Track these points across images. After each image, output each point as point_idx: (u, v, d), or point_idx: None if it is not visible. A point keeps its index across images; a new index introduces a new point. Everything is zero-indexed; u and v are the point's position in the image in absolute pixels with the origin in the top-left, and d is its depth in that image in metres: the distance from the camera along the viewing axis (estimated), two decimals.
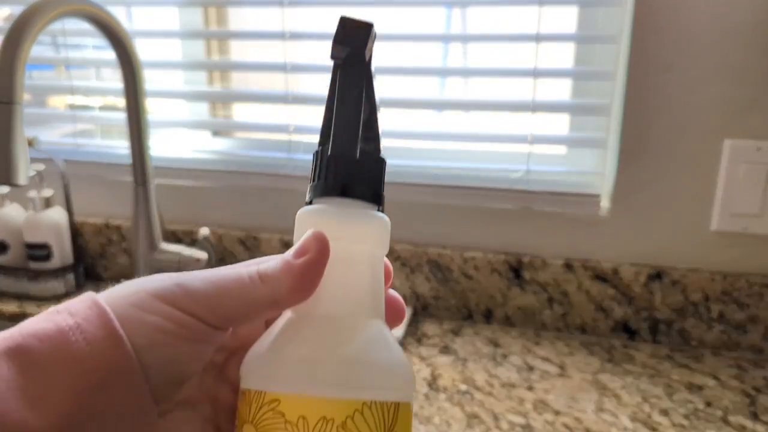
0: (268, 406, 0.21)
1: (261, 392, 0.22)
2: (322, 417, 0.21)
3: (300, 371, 0.22)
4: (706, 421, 0.61)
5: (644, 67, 0.71)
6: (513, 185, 0.79)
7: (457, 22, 0.84)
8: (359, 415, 0.21)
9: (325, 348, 0.22)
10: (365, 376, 0.22)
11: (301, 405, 0.21)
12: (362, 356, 0.23)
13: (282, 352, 0.22)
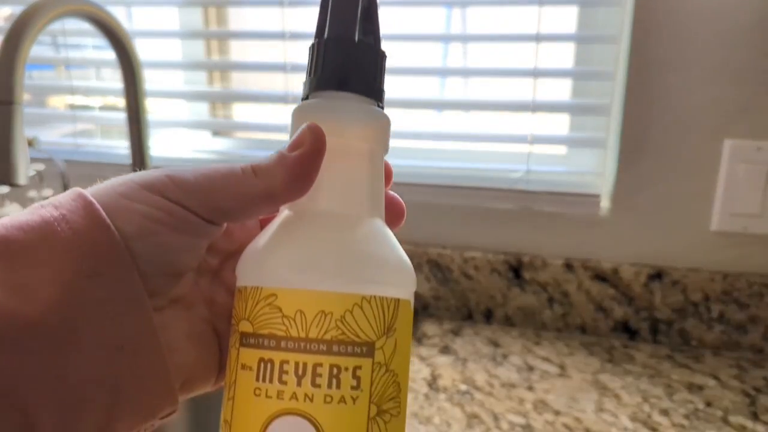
0: (264, 301, 0.21)
1: (257, 288, 0.21)
2: (321, 311, 0.20)
3: (297, 265, 0.21)
4: (706, 421, 0.61)
5: (644, 67, 0.71)
6: (513, 185, 0.79)
7: (457, 22, 0.84)
8: (358, 309, 0.21)
9: (324, 242, 0.22)
10: (365, 270, 0.21)
11: (298, 299, 0.20)
12: (362, 250, 0.22)
13: (279, 247, 0.22)
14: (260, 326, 0.21)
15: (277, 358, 0.20)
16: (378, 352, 0.21)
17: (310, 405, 0.20)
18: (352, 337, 0.20)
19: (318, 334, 0.20)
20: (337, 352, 0.20)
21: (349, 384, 0.20)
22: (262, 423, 0.20)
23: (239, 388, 0.21)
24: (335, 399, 0.20)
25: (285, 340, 0.20)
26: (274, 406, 0.20)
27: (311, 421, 0.20)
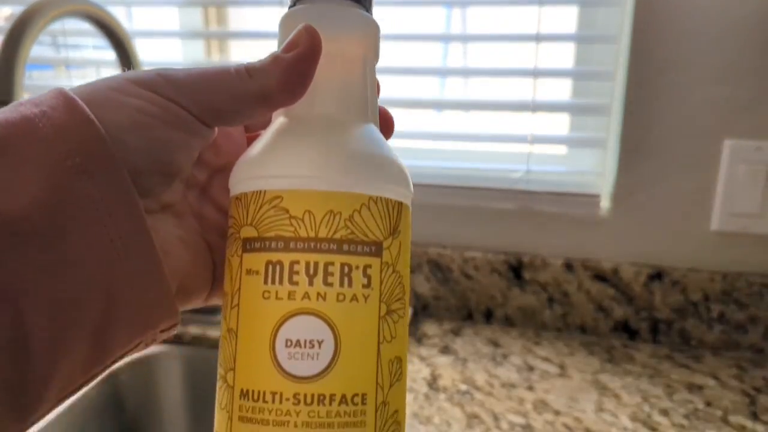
0: (269, 204, 0.20)
1: (260, 192, 0.21)
2: (329, 211, 0.20)
3: (304, 166, 0.21)
4: (706, 421, 0.61)
5: (644, 67, 0.71)
6: (513, 185, 0.79)
7: (457, 22, 0.84)
8: (366, 209, 0.21)
9: (329, 144, 0.21)
10: (371, 172, 0.21)
11: (306, 199, 0.20)
12: (367, 153, 0.22)
13: (281, 150, 0.21)
14: (266, 229, 0.20)
15: (287, 259, 0.20)
16: (386, 252, 0.21)
17: (323, 304, 0.20)
18: (362, 237, 0.20)
19: (328, 233, 0.20)
20: (347, 251, 0.20)
21: (361, 282, 0.20)
22: (274, 325, 0.20)
23: (245, 294, 0.21)
24: (348, 297, 0.20)
25: (294, 240, 0.20)
26: (286, 307, 0.20)
27: (325, 320, 0.20)
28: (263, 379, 0.20)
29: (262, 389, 0.20)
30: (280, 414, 0.19)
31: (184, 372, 0.81)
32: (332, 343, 0.20)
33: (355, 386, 0.20)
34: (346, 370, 0.20)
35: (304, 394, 0.19)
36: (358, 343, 0.20)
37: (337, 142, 0.21)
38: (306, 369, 0.20)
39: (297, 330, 0.20)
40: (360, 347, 0.20)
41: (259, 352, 0.20)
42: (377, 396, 0.21)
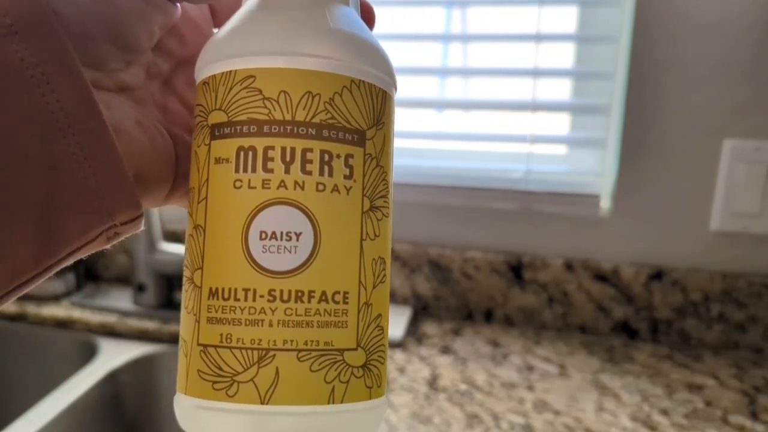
0: (240, 84, 0.18)
1: (230, 72, 0.19)
2: (307, 92, 0.18)
3: (278, 40, 0.18)
4: (705, 420, 0.61)
5: (644, 67, 0.71)
6: (513, 185, 0.79)
7: (457, 22, 0.84)
8: (348, 92, 0.19)
9: (307, 20, 0.19)
10: (355, 53, 0.19)
11: (281, 78, 0.18)
12: (350, 32, 0.19)
13: (253, 26, 0.19)
14: (237, 113, 0.18)
15: (260, 144, 0.18)
16: (369, 143, 0.19)
17: (301, 193, 0.18)
18: (343, 123, 0.19)
19: (306, 116, 0.18)
20: (327, 138, 0.18)
21: (342, 173, 0.18)
22: (247, 216, 0.18)
23: (214, 185, 0.19)
24: (328, 187, 0.18)
25: (268, 123, 0.18)
26: (259, 197, 0.18)
27: (303, 210, 0.18)
28: (235, 275, 0.18)
29: (234, 286, 0.18)
30: (253, 312, 0.18)
31: None
32: (311, 236, 0.18)
33: (337, 283, 0.18)
34: (327, 265, 0.18)
35: (281, 290, 0.18)
36: (340, 236, 0.18)
37: (316, 18, 0.19)
38: (282, 263, 0.18)
39: (272, 221, 0.18)
40: (342, 241, 0.18)
41: (230, 247, 0.18)
42: (360, 295, 0.19)
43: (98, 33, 0.19)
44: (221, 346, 0.18)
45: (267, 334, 0.18)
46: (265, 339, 0.18)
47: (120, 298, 0.88)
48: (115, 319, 0.82)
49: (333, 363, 0.18)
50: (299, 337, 0.18)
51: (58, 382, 0.86)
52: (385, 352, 0.20)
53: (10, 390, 0.89)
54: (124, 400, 0.77)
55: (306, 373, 0.18)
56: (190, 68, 0.23)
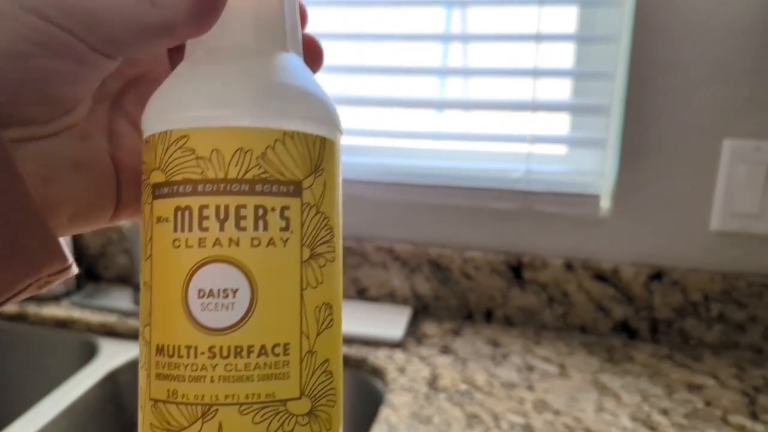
0: (175, 145, 0.19)
1: (166, 132, 0.19)
2: (239, 148, 0.18)
3: (208, 100, 0.19)
4: (705, 420, 0.61)
5: (644, 67, 0.71)
6: (513, 185, 0.79)
7: (457, 22, 0.84)
8: (281, 145, 0.19)
9: (237, 75, 0.20)
10: (286, 104, 0.20)
11: (212, 137, 0.19)
12: (281, 83, 0.20)
13: (185, 85, 0.20)
14: (173, 173, 0.19)
15: (195, 203, 0.19)
16: (306, 192, 0.19)
17: (236, 250, 0.18)
18: (277, 176, 0.19)
19: (238, 173, 0.19)
20: (261, 192, 0.19)
21: (278, 225, 0.19)
22: (185, 275, 0.19)
23: (156, 244, 0.19)
24: (263, 242, 0.19)
25: (202, 183, 0.19)
26: (196, 256, 0.18)
27: (239, 267, 0.18)
28: (177, 333, 0.19)
29: (177, 344, 0.19)
30: (195, 369, 0.18)
31: None
32: (248, 291, 0.18)
33: (276, 336, 0.19)
34: (265, 320, 0.19)
35: (220, 346, 0.18)
36: (277, 289, 0.19)
37: (246, 72, 0.20)
38: (220, 320, 0.18)
39: (209, 279, 0.18)
40: (279, 294, 0.19)
41: (172, 305, 0.19)
42: (302, 345, 0.19)
43: (28, 97, 0.19)
44: (168, 402, 0.19)
45: (209, 390, 0.18)
46: (207, 395, 0.18)
47: (120, 298, 0.88)
48: (115, 319, 0.82)
49: (275, 414, 0.19)
50: (240, 392, 0.18)
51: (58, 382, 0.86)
52: (336, 396, 0.20)
53: (10, 390, 0.89)
54: (124, 400, 0.77)
55: (249, 426, 0.18)
56: (140, 86, 0.23)
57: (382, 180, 0.83)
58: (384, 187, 0.83)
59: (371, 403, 0.73)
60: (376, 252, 0.83)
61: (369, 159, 0.86)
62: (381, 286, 0.85)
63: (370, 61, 0.84)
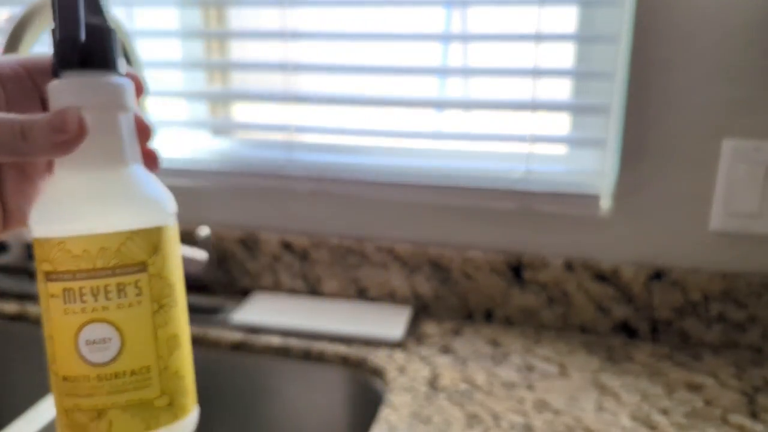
0: (57, 247, 0.27)
1: (48, 239, 0.27)
2: (101, 248, 0.27)
3: (76, 217, 0.27)
4: (705, 420, 0.62)
5: (644, 67, 0.71)
6: (513, 185, 0.79)
7: (457, 22, 0.84)
8: (130, 241, 0.28)
9: (95, 193, 0.28)
10: (131, 211, 0.28)
11: (81, 242, 0.27)
12: (128, 194, 0.29)
13: (58, 203, 0.28)
14: (58, 265, 0.27)
15: (76, 286, 0.27)
16: (151, 267, 0.28)
17: (107, 312, 0.27)
18: (129, 261, 0.28)
19: (103, 264, 0.27)
20: (120, 273, 0.28)
21: (134, 293, 0.28)
22: (75, 331, 0.28)
23: (52, 312, 0.28)
24: (125, 304, 0.28)
25: (79, 272, 0.27)
26: (81, 319, 0.27)
27: (110, 323, 0.28)
28: (75, 368, 0.28)
29: (76, 375, 0.28)
30: (90, 389, 0.28)
31: None
32: (118, 338, 0.28)
33: (140, 362, 0.28)
34: (132, 354, 0.28)
35: (105, 374, 0.28)
36: (138, 333, 0.28)
37: (100, 190, 0.28)
38: (102, 358, 0.28)
39: (92, 333, 0.27)
40: (140, 336, 0.28)
41: (69, 351, 0.28)
42: (159, 364, 0.29)
43: None
44: (74, 410, 0.28)
45: (100, 401, 0.28)
46: (99, 404, 0.28)
47: None
48: None
49: (147, 408, 0.29)
50: (121, 399, 0.28)
51: None
52: (186, 390, 0.31)
53: (10, 390, 0.89)
54: None
55: (129, 418, 0.28)
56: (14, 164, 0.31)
57: (382, 180, 0.83)
58: (384, 187, 0.83)
59: (371, 403, 0.73)
60: (376, 252, 0.84)
61: (369, 159, 0.86)
62: (381, 286, 0.85)
63: (370, 61, 0.84)
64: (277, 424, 0.81)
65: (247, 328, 0.80)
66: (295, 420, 0.80)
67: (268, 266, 0.88)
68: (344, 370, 0.75)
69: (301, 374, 0.77)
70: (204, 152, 0.91)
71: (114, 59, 0.29)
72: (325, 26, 0.85)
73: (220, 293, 0.91)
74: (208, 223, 0.90)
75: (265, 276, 0.88)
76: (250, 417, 0.81)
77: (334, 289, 0.87)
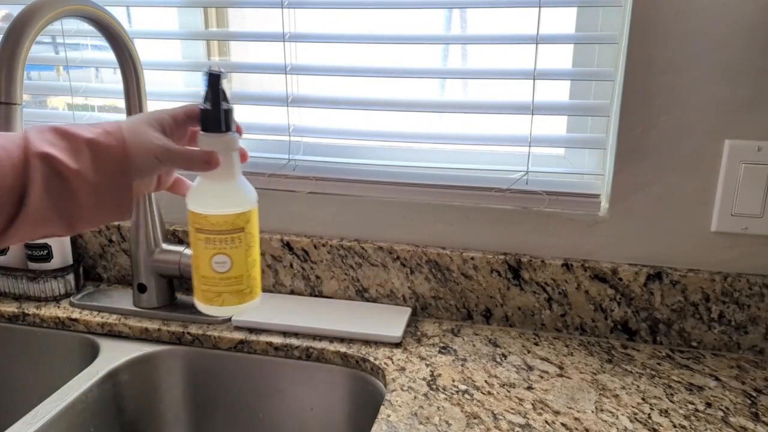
0: (203, 218, 0.50)
1: (198, 212, 0.50)
2: (224, 220, 0.50)
3: (212, 204, 0.50)
4: (706, 422, 0.61)
5: (644, 67, 0.71)
6: (513, 186, 0.79)
7: (456, 24, 0.84)
8: (236, 218, 0.50)
9: (221, 192, 0.51)
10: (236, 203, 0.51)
11: (215, 217, 0.50)
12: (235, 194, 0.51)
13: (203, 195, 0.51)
14: (203, 226, 0.50)
15: (212, 237, 0.50)
16: (245, 228, 0.51)
17: (225, 249, 0.51)
18: (236, 227, 0.51)
19: (225, 227, 0.50)
20: (232, 232, 0.51)
21: (237, 241, 0.51)
22: (209, 257, 0.51)
23: (199, 248, 0.51)
24: (234, 246, 0.51)
25: (213, 231, 0.50)
26: (212, 251, 0.51)
27: (226, 254, 0.51)
28: (209, 273, 0.51)
29: (208, 276, 0.52)
30: (215, 283, 0.52)
31: (185, 372, 0.81)
32: (230, 261, 0.51)
33: (238, 272, 0.52)
34: (235, 268, 0.52)
35: (222, 277, 0.51)
36: (238, 259, 0.52)
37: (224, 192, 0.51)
38: (222, 269, 0.51)
39: (218, 258, 0.51)
40: (239, 260, 0.52)
41: (206, 265, 0.51)
42: (246, 273, 0.53)
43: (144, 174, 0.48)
44: (207, 292, 0.52)
45: (220, 289, 0.52)
46: (219, 290, 0.52)
47: (120, 298, 0.88)
48: (115, 319, 0.82)
49: (240, 293, 0.53)
50: (229, 288, 0.52)
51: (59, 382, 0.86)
52: (258, 286, 0.54)
53: (11, 390, 0.89)
54: (124, 400, 0.77)
55: (231, 297, 0.52)
56: None
57: (382, 180, 0.83)
58: (384, 187, 0.83)
59: (371, 403, 0.73)
60: (376, 252, 0.83)
61: (369, 160, 0.86)
62: (381, 286, 0.85)
63: (371, 64, 0.84)
64: (278, 423, 0.80)
65: (247, 328, 0.80)
66: (295, 420, 0.80)
67: (269, 266, 0.88)
68: (344, 370, 0.75)
69: (302, 374, 0.77)
70: None
71: (231, 125, 0.51)
72: (324, 28, 0.85)
73: None
74: None
75: (266, 276, 0.88)
76: (250, 417, 0.81)
77: (334, 289, 0.87)
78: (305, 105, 0.85)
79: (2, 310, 0.86)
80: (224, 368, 0.80)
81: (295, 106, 0.85)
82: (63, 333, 0.84)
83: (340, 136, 0.85)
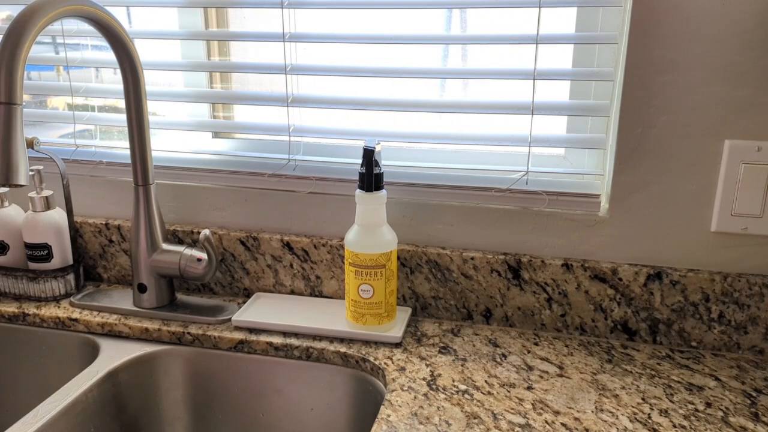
0: (356, 254, 0.72)
1: (353, 251, 0.73)
2: (371, 258, 0.72)
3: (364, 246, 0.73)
4: (706, 422, 0.61)
5: (643, 67, 0.71)
6: (513, 186, 0.79)
7: (456, 24, 0.84)
8: (380, 257, 0.73)
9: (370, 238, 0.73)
10: (382, 246, 0.73)
11: (365, 256, 0.72)
12: (381, 239, 0.73)
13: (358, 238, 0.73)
14: (355, 261, 0.73)
15: (360, 270, 0.73)
16: (386, 265, 0.73)
17: (369, 280, 0.73)
18: (380, 264, 0.73)
19: (371, 264, 0.72)
20: (376, 267, 0.73)
21: (379, 274, 0.73)
22: (357, 285, 0.73)
23: (350, 277, 0.74)
24: (376, 278, 0.73)
25: (362, 265, 0.72)
26: (360, 281, 0.73)
27: (370, 284, 0.73)
28: (358, 298, 0.75)
29: (356, 300, 0.75)
30: (360, 307, 0.75)
31: (185, 372, 0.81)
32: (372, 290, 0.74)
33: (379, 299, 0.74)
34: (376, 296, 0.74)
35: (366, 302, 0.74)
36: (379, 289, 0.74)
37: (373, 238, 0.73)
38: (366, 296, 0.74)
39: (363, 287, 0.74)
40: (380, 290, 0.74)
41: (354, 291, 0.74)
42: (385, 300, 0.74)
43: None
44: (354, 313, 0.76)
45: (364, 311, 0.75)
46: (363, 312, 0.75)
47: (120, 298, 0.88)
48: (115, 319, 0.82)
49: (379, 315, 0.75)
50: (371, 311, 0.75)
51: (59, 382, 0.86)
52: (394, 310, 0.77)
53: (11, 390, 0.89)
54: (124, 400, 0.77)
55: (372, 318, 0.75)
56: None
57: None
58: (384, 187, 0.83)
59: (371, 403, 0.73)
60: None
61: None
62: None
63: (371, 64, 0.84)
64: (278, 423, 0.81)
65: (247, 328, 0.80)
66: (295, 420, 0.80)
67: (269, 266, 0.88)
68: (344, 370, 0.75)
69: (301, 374, 0.77)
70: (204, 153, 0.91)
71: (381, 184, 0.70)
72: (324, 28, 0.85)
73: (221, 293, 0.91)
74: (209, 223, 0.90)
75: (266, 276, 0.88)
76: (250, 416, 0.81)
77: (334, 289, 0.87)
78: (305, 105, 0.85)
79: (2, 310, 0.86)
80: (224, 368, 0.80)
81: (295, 106, 0.85)
82: (63, 333, 0.84)
83: (340, 136, 0.85)
